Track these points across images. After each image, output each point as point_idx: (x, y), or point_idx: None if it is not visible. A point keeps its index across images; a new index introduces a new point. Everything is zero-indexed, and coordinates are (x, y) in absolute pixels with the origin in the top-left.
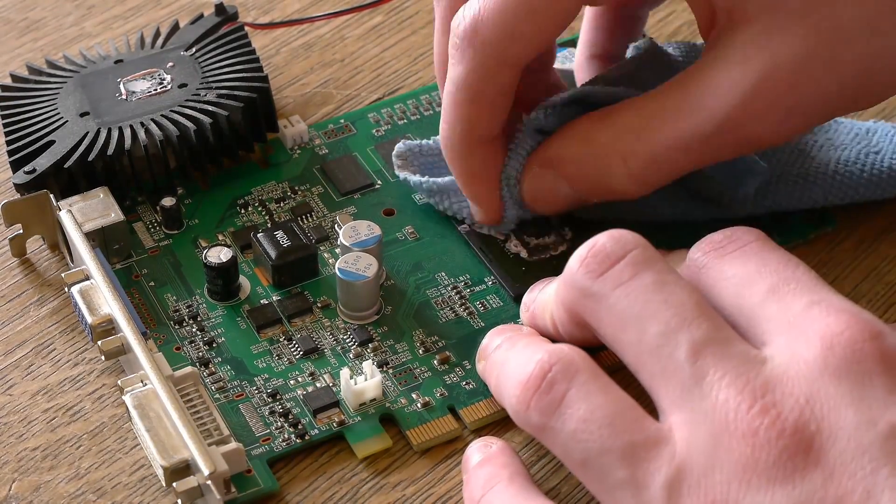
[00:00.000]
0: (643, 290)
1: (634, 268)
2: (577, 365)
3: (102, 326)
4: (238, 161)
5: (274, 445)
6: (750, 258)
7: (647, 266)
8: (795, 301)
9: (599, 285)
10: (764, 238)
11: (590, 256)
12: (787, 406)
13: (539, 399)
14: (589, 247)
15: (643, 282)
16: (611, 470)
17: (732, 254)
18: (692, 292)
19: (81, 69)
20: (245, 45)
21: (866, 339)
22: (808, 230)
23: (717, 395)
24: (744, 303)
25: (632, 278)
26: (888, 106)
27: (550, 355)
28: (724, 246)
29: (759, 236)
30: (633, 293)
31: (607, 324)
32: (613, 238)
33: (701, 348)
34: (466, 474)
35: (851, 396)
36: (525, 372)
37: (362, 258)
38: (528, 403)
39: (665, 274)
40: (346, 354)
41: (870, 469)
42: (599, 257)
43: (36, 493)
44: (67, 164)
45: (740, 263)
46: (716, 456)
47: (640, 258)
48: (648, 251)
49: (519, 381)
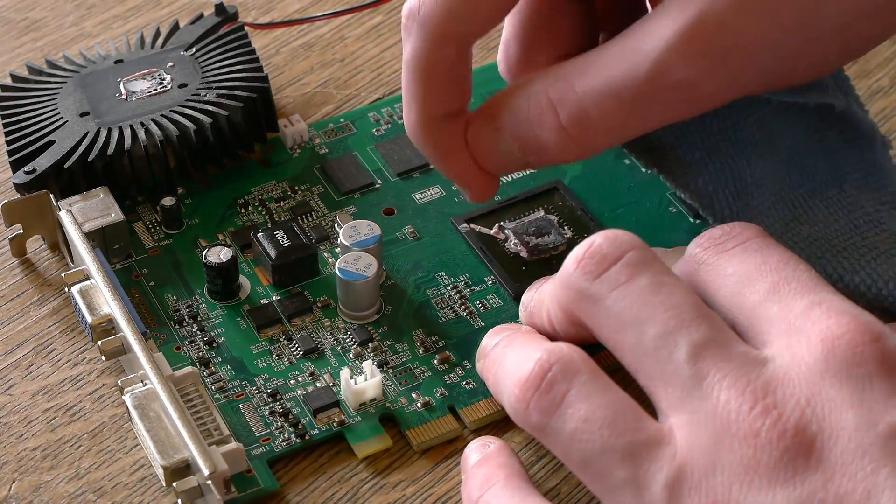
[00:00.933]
0: (640, 291)
1: (631, 269)
2: (577, 364)
3: (102, 326)
4: (238, 161)
5: (274, 445)
6: (750, 255)
7: (643, 267)
8: (796, 301)
9: (596, 287)
10: (763, 234)
11: (586, 258)
12: (788, 407)
13: (539, 399)
14: (585, 247)
15: (640, 283)
16: (611, 470)
17: (732, 250)
18: (690, 293)
19: (81, 69)
20: (245, 45)
21: (867, 342)
22: None
23: (718, 397)
24: (744, 301)
25: (629, 280)
26: (888, 106)
27: (550, 354)
28: (724, 242)
29: (758, 232)
30: (631, 295)
31: (605, 326)
32: (609, 239)
33: (700, 350)
34: (465, 474)
35: (852, 398)
36: (524, 371)
37: (362, 258)
38: (528, 403)
39: (662, 275)
40: (346, 354)
41: (870, 470)
42: (596, 258)
43: (36, 493)
44: (67, 163)
45: (740, 261)
46: (717, 457)
47: (636, 259)
48: (645, 252)
49: (518, 379)
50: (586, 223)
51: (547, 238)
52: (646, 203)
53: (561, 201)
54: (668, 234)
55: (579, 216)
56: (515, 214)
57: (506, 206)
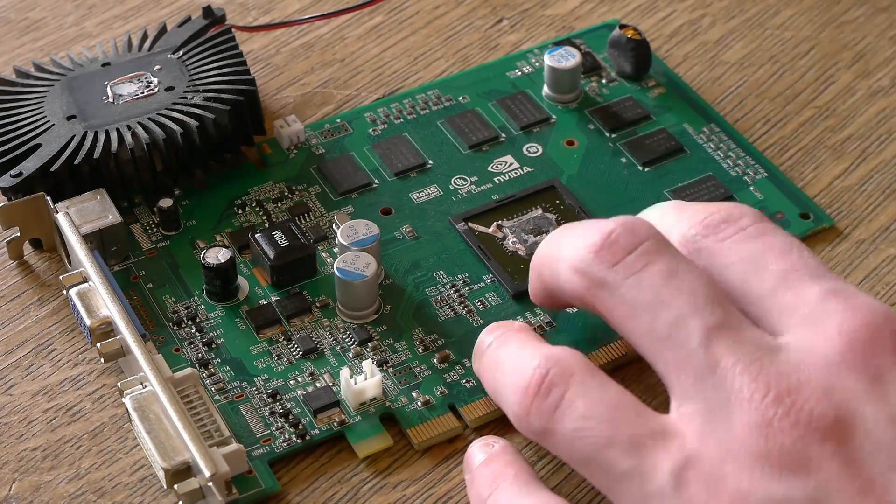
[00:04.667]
0: (654, 278)
1: (646, 258)
2: (572, 366)
3: (101, 329)
4: (224, 164)
5: (274, 446)
6: (751, 243)
7: (658, 255)
8: (808, 290)
9: (612, 275)
10: (761, 217)
11: (604, 247)
12: (802, 396)
13: (538, 404)
14: (603, 236)
15: (654, 270)
16: (615, 462)
17: (732, 238)
18: (704, 279)
19: (68, 72)
20: (232, 49)
21: (885, 334)
22: (806, 227)
23: (731, 384)
24: (751, 291)
25: (644, 268)
26: (888, 106)
27: (546, 360)
28: (724, 229)
29: (756, 217)
30: (645, 282)
31: (619, 313)
32: (627, 228)
33: (713, 334)
34: (470, 474)
35: (870, 391)
36: (523, 379)
37: (361, 257)
38: (529, 410)
39: (677, 262)
40: (345, 354)
41: (887, 466)
42: (614, 248)
43: (36, 493)
44: (54, 167)
45: (742, 249)
46: (729, 445)
47: (651, 248)
48: (661, 240)
49: (518, 388)
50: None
51: (544, 236)
52: (643, 200)
53: (558, 199)
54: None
55: (577, 214)
56: (513, 213)
57: (503, 205)
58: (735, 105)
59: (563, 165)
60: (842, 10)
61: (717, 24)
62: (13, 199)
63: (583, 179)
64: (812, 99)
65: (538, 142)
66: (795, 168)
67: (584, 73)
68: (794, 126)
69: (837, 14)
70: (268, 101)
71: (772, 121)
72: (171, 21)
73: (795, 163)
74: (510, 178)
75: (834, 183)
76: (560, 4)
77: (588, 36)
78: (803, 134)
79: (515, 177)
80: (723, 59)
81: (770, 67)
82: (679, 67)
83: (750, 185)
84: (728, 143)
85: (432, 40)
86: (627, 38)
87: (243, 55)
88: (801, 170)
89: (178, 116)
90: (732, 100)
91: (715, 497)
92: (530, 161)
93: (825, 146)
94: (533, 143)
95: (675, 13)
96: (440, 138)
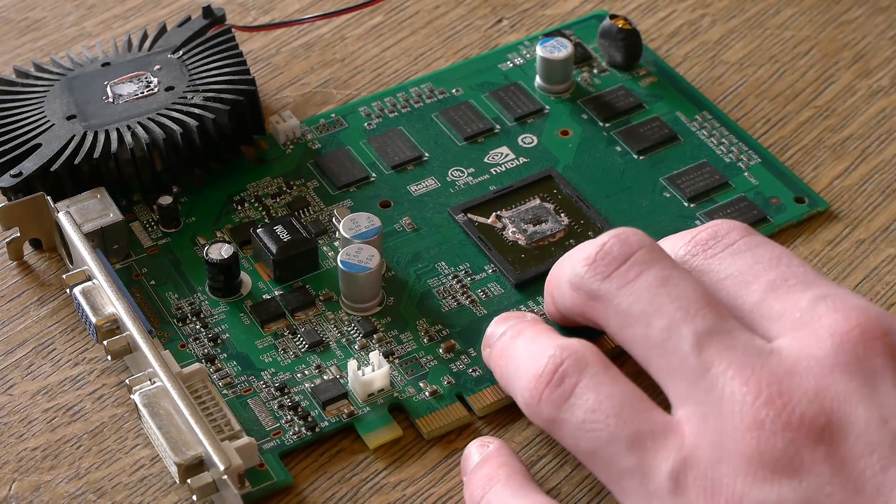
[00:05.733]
0: (648, 286)
1: (640, 267)
2: (587, 358)
3: (107, 326)
4: (225, 163)
5: (285, 439)
6: (739, 257)
7: (650, 264)
8: (798, 297)
9: (606, 286)
10: (749, 231)
11: (598, 259)
12: (794, 398)
13: (550, 392)
14: (597, 248)
15: (647, 279)
16: (618, 458)
17: (721, 254)
18: (696, 285)
19: (68, 72)
20: (232, 48)
21: (877, 336)
22: (801, 211)
23: (723, 387)
24: (742, 304)
25: (636, 278)
26: (888, 106)
27: (562, 350)
28: (712, 246)
29: (743, 231)
30: (639, 290)
31: (615, 323)
32: (620, 239)
33: (705, 339)
34: (465, 475)
35: (862, 393)
36: (537, 366)
37: (364, 250)
38: (540, 397)
39: (669, 269)
40: (351, 346)
41: (879, 467)
42: (606, 260)
43: (36, 493)
44: (54, 167)
45: (730, 264)
46: (722, 448)
47: (644, 258)
48: (653, 249)
49: (532, 375)
50: (582, 210)
51: (544, 225)
52: (639, 188)
53: (556, 189)
54: (662, 218)
55: (574, 203)
56: (511, 203)
57: (501, 196)
58: (735, 105)
59: (558, 155)
60: (842, 10)
61: (717, 24)
62: (13, 198)
63: (579, 169)
64: (812, 99)
65: (532, 132)
66: (796, 168)
67: (576, 64)
68: (794, 126)
69: (837, 14)
70: (268, 101)
71: (772, 120)
72: (171, 21)
73: (795, 163)
74: (506, 169)
75: (834, 183)
76: (560, 4)
77: (578, 26)
78: (803, 134)
79: (512, 167)
80: (723, 58)
81: (770, 67)
82: (679, 67)
83: (744, 170)
84: (721, 129)
85: (432, 40)
86: (618, 28)
87: (243, 55)
88: (801, 169)
89: (177, 116)
90: (733, 99)
91: (711, 500)
92: (526, 152)
93: (825, 146)
94: (527, 134)
95: (675, 13)
96: (435, 131)
